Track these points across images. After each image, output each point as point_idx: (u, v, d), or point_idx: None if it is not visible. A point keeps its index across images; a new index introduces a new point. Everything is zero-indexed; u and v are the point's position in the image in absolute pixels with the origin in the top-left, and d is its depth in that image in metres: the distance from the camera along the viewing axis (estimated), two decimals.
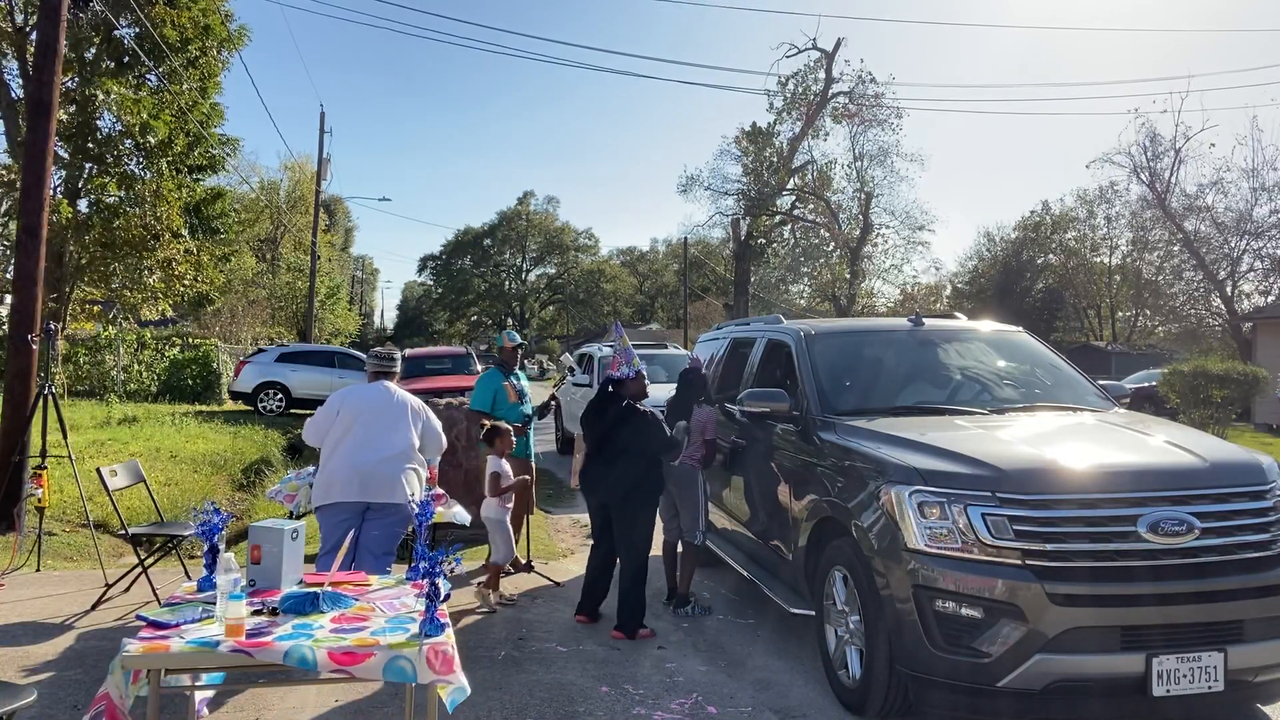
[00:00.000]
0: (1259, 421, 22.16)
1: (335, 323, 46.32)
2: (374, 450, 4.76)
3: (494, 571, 5.90)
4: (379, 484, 4.73)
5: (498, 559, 5.90)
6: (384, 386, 5.02)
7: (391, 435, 4.84)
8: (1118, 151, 30.44)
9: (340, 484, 4.74)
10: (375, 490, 4.73)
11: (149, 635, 2.96)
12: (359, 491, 4.71)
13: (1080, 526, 3.75)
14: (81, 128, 17.81)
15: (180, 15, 18.51)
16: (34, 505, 6.95)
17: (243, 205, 34.53)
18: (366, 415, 4.86)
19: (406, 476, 4.81)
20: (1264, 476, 4.03)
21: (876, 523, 4.06)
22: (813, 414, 5.02)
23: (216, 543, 3.48)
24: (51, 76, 7.80)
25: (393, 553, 4.92)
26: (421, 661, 2.88)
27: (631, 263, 78.11)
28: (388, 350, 5.27)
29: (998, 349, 5.90)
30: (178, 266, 19.38)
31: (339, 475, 4.75)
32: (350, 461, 4.74)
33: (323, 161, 31.31)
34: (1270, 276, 29.80)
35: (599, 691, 4.45)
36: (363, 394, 4.97)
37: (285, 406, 19.16)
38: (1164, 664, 3.57)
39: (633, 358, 5.69)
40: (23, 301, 7.62)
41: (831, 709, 4.33)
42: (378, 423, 4.84)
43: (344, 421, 4.86)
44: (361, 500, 4.72)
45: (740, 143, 37.20)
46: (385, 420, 4.86)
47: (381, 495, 4.73)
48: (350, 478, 4.72)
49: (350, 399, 4.95)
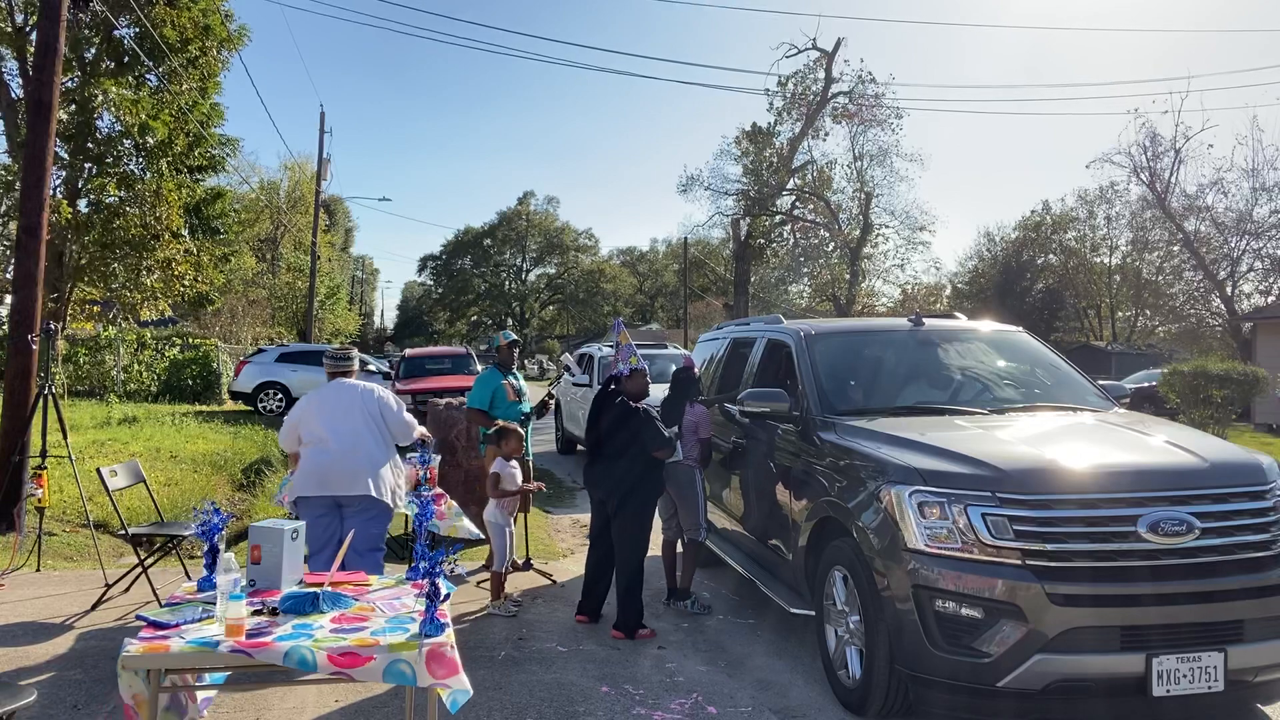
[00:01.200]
0: (1259, 421, 22.16)
1: (335, 323, 46.36)
2: (334, 444, 4.82)
3: (495, 579, 5.89)
4: (341, 478, 4.76)
5: (495, 565, 5.89)
6: (340, 382, 5.08)
7: (351, 428, 4.87)
8: (1118, 151, 30.52)
9: (303, 480, 4.82)
10: (338, 484, 4.76)
11: (149, 635, 2.96)
12: (319, 486, 4.76)
13: (1080, 526, 3.75)
14: (81, 128, 17.81)
15: (180, 15, 18.51)
16: (34, 505, 6.95)
17: (243, 205, 34.51)
18: (326, 413, 4.92)
19: (375, 470, 4.83)
20: (1264, 476, 4.03)
21: (876, 523, 4.06)
22: (813, 414, 5.02)
23: (216, 543, 3.49)
24: (51, 76, 7.80)
25: (380, 548, 4.96)
26: (421, 665, 2.88)
27: (631, 263, 78.09)
28: (342, 350, 5.29)
29: (998, 349, 5.90)
30: (177, 266, 19.38)
31: (304, 471, 4.84)
32: (313, 458, 4.82)
33: (323, 161, 31.33)
34: (1270, 276, 29.84)
35: (599, 691, 4.45)
36: (322, 394, 5.05)
37: (285, 406, 19.17)
38: (1164, 664, 3.57)
39: (631, 354, 5.68)
40: (23, 301, 7.61)
41: (831, 709, 4.33)
42: (336, 418, 4.89)
43: (307, 423, 4.95)
44: (326, 494, 4.76)
45: (740, 143, 37.22)
46: (342, 414, 4.91)
47: (345, 488, 4.76)
48: (312, 473, 4.79)
49: (311, 400, 5.04)
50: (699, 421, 6.02)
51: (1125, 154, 29.72)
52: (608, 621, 5.50)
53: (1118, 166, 30.30)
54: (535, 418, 6.99)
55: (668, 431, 5.49)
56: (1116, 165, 30.23)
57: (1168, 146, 28.93)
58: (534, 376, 46.14)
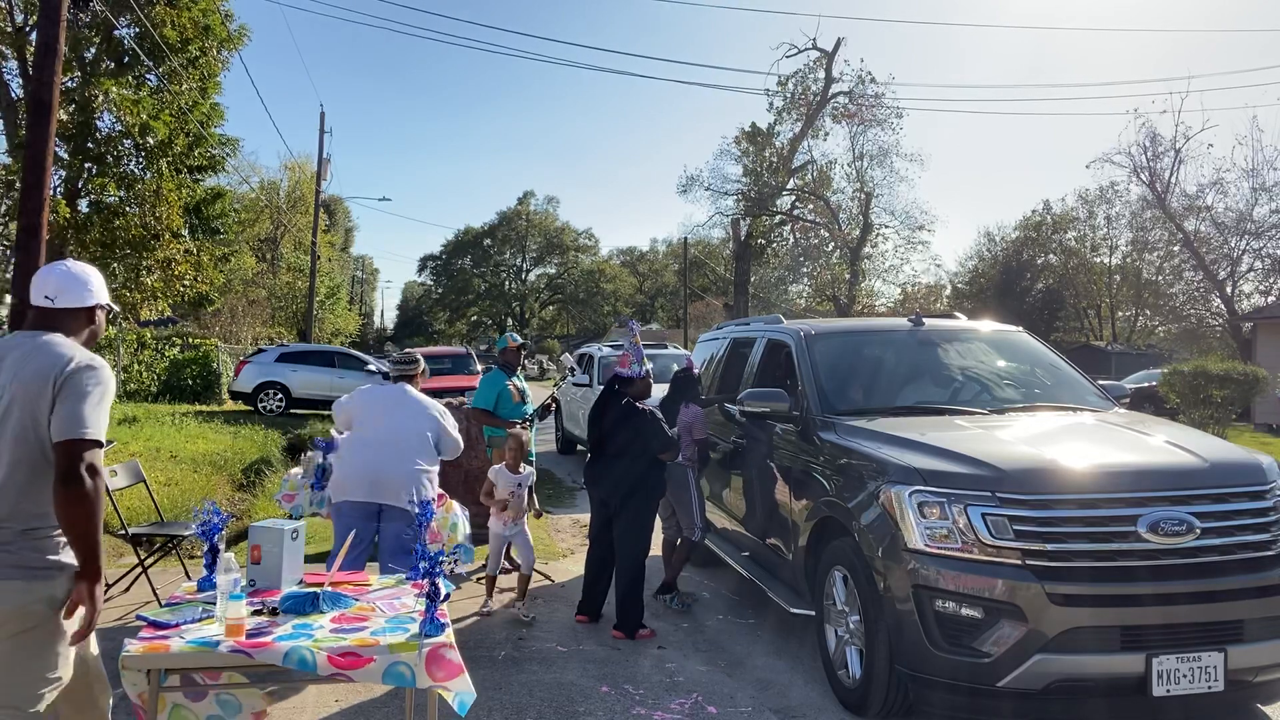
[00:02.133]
0: (1259, 421, 22.15)
1: (335, 323, 46.34)
2: (386, 452, 4.85)
3: (488, 580, 5.92)
4: (389, 487, 4.81)
5: (489, 569, 5.93)
6: (403, 389, 5.12)
7: (405, 439, 4.91)
8: (1118, 151, 30.45)
9: (353, 483, 4.85)
10: (385, 493, 4.81)
11: (149, 635, 2.96)
12: (368, 492, 4.81)
13: (1080, 526, 3.75)
14: (81, 128, 17.79)
15: (180, 15, 18.49)
16: None
17: (243, 205, 34.47)
18: (383, 417, 4.97)
19: (418, 481, 4.88)
20: (1264, 476, 4.03)
21: (876, 523, 4.06)
22: (813, 414, 5.02)
23: (216, 543, 3.48)
24: (51, 76, 7.81)
25: (408, 555, 4.95)
26: (421, 667, 2.87)
27: (631, 263, 78.06)
28: (408, 355, 5.37)
29: (998, 349, 5.90)
30: (177, 266, 19.36)
31: (353, 475, 4.87)
32: (364, 461, 4.85)
33: (323, 161, 31.34)
34: (1270, 276, 29.84)
35: (599, 691, 4.45)
36: (382, 395, 5.10)
37: (285, 406, 19.16)
38: (1164, 664, 3.57)
39: (643, 357, 5.73)
40: (23, 301, 7.62)
41: (831, 709, 4.33)
42: (393, 425, 4.93)
43: (361, 419, 5.00)
44: (373, 501, 4.80)
45: (740, 143, 37.19)
46: (400, 423, 4.95)
47: (390, 498, 4.81)
48: (362, 478, 4.83)
49: (370, 397, 5.10)
50: (693, 422, 6.04)
51: (1125, 154, 29.70)
52: (608, 621, 5.50)
53: (1118, 166, 30.28)
54: (538, 419, 7.01)
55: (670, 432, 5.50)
56: (1116, 165, 30.22)
57: (1168, 146, 28.93)
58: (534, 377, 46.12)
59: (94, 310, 2.82)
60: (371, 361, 21.81)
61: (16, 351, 2.62)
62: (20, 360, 2.59)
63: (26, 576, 2.52)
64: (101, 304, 2.84)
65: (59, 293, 2.75)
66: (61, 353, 2.61)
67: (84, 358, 2.63)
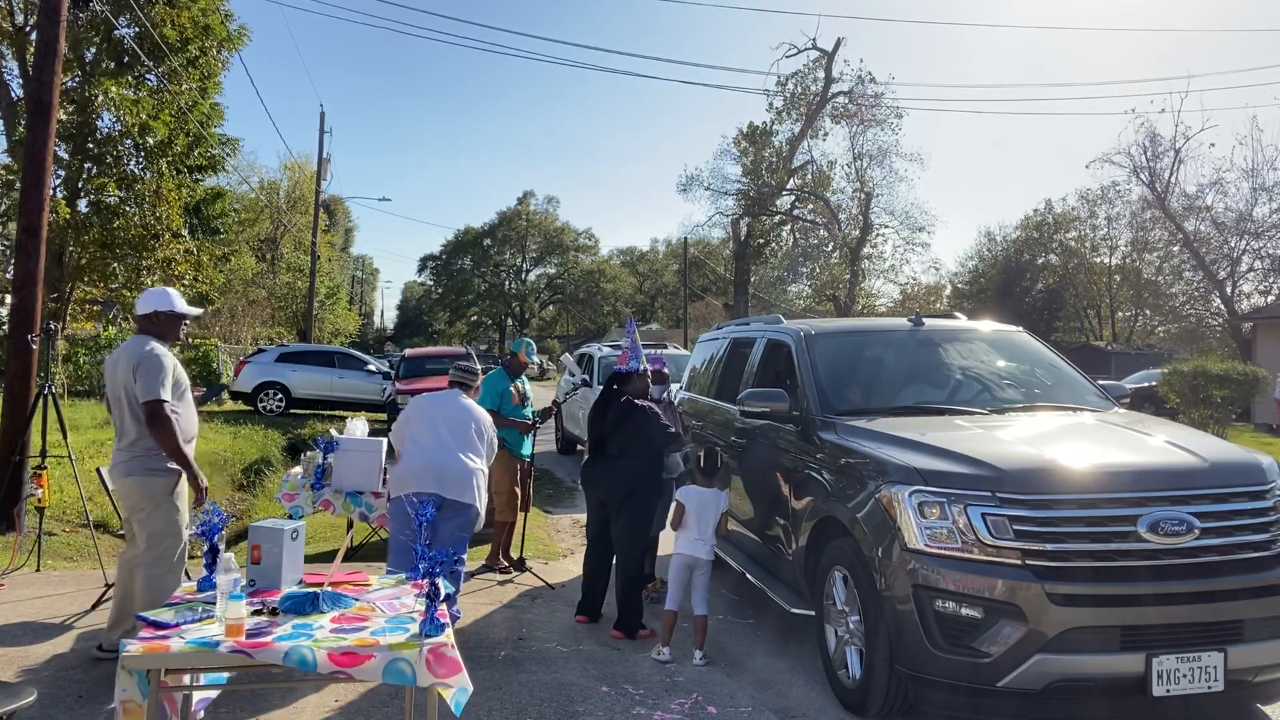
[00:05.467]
0: (1259, 421, 22.14)
1: (335, 323, 46.34)
2: (452, 450, 5.08)
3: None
4: (454, 481, 5.00)
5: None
6: (458, 394, 5.39)
7: (467, 441, 5.16)
8: (1118, 151, 30.50)
9: (417, 477, 5.00)
10: (450, 486, 4.98)
11: (149, 635, 2.96)
12: (435, 484, 4.96)
13: (1080, 526, 3.75)
14: (81, 128, 17.78)
15: (180, 15, 18.49)
16: (34, 505, 6.94)
17: (243, 205, 34.49)
18: (446, 420, 5.20)
19: (476, 480, 5.10)
20: (1264, 476, 4.03)
21: (876, 522, 4.06)
22: (812, 414, 5.02)
23: (216, 543, 3.49)
24: (51, 76, 7.80)
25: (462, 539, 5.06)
26: (421, 664, 2.88)
27: (631, 263, 77.98)
28: (471, 365, 5.59)
29: (998, 349, 5.90)
30: (177, 266, 19.35)
31: (416, 468, 5.04)
32: (430, 457, 5.05)
33: (323, 161, 31.32)
34: (1270, 276, 29.83)
35: (599, 691, 4.45)
36: (444, 401, 5.34)
37: (285, 406, 19.16)
38: (1164, 664, 3.57)
39: (641, 355, 5.74)
40: (23, 301, 7.62)
41: (831, 709, 4.33)
42: (456, 428, 5.17)
43: (423, 422, 5.21)
44: (437, 493, 4.92)
45: (740, 143, 37.21)
46: (462, 427, 5.20)
47: (454, 492, 4.98)
48: (428, 471, 5.00)
49: (432, 403, 5.36)
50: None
51: (1125, 154, 29.75)
52: (608, 621, 5.50)
53: (1118, 166, 30.33)
54: (540, 422, 7.04)
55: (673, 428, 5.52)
56: (1116, 165, 30.26)
57: (1168, 146, 28.95)
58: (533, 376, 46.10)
59: (153, 316, 4.62)
60: (371, 362, 21.81)
61: (120, 351, 4.55)
62: (118, 355, 4.56)
63: (150, 474, 4.49)
64: (161, 311, 4.62)
65: (137, 305, 4.69)
66: (133, 347, 4.51)
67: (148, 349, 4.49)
